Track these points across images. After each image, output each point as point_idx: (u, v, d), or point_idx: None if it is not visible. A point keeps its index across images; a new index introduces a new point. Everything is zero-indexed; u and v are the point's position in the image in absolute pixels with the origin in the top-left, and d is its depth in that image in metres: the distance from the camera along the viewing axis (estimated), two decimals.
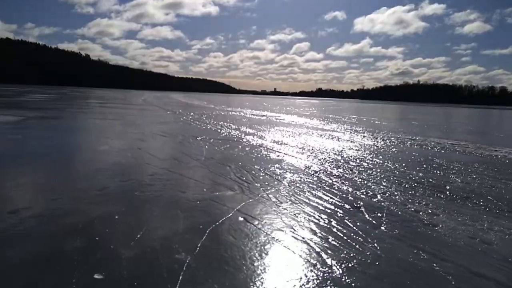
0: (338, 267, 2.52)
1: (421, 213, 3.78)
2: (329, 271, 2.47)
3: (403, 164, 6.54)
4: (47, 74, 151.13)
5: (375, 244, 2.92)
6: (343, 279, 2.37)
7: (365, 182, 5.09)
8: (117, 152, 6.57)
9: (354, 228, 3.27)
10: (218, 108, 25.85)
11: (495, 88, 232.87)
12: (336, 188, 4.70)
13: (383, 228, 3.31)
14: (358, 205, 3.95)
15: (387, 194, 4.44)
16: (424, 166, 6.48)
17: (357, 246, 2.87)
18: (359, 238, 3.03)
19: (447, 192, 4.66)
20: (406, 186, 4.93)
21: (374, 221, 3.47)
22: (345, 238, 3.03)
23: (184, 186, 4.49)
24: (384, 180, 5.25)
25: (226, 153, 6.96)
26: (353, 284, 2.31)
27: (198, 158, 6.31)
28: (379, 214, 3.68)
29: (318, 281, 2.34)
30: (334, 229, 3.22)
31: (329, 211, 3.73)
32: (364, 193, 4.48)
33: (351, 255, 2.71)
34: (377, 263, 2.61)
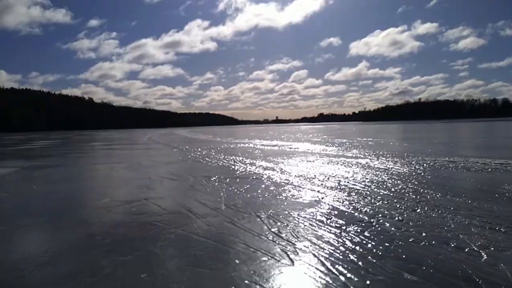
0: None
1: None
2: None
3: (473, 197, 5.30)
4: (53, 119, 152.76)
5: None
6: None
7: (447, 230, 3.86)
8: (119, 207, 5.40)
9: None
10: (225, 141, 24.84)
11: (497, 100, 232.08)
12: (412, 244, 3.48)
13: None
14: (468, 275, 2.73)
15: (494, 250, 3.21)
16: (498, 196, 5.25)
17: None
18: None
19: None
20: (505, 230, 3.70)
21: None
22: None
23: (209, 259, 3.29)
24: (470, 225, 4.01)
25: (249, 197, 5.77)
26: None
27: (216, 207, 5.13)
28: None
29: None
30: None
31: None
32: (460, 249, 3.26)
33: None
34: None
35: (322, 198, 5.54)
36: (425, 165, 8.94)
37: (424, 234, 3.69)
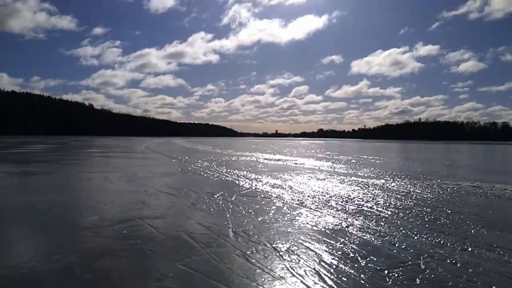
0: None
1: None
2: None
3: None
4: (52, 124, 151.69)
5: None
6: None
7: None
8: (107, 229, 4.56)
9: None
10: (225, 153, 24.02)
11: (497, 123, 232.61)
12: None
13: None
14: None
15: None
16: None
17: None
18: None
19: None
20: None
21: None
22: None
23: None
24: None
25: (261, 221, 4.96)
26: None
27: (224, 233, 4.32)
28: None
29: None
30: None
31: None
32: None
33: None
34: None
35: (347, 227, 4.72)
36: (448, 189, 8.14)
37: (491, 282, 2.89)
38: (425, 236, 4.28)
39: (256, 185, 8.56)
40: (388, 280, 2.99)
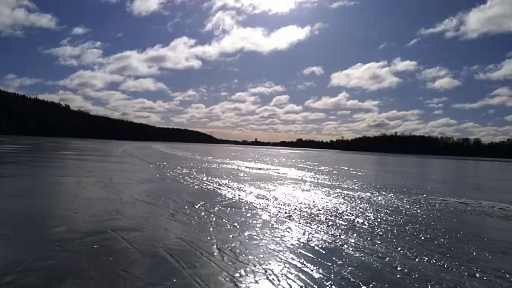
0: None
1: None
2: None
3: None
4: (26, 124, 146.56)
5: None
6: None
7: None
8: (75, 242, 4.03)
9: None
10: (205, 160, 23.45)
11: (469, 140, 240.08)
12: None
13: None
14: None
15: None
16: None
17: None
18: None
19: None
20: None
21: None
22: None
23: None
24: None
25: (247, 237, 4.53)
26: None
27: (208, 251, 3.87)
28: None
29: None
30: None
31: None
32: None
33: None
34: None
35: (342, 245, 4.36)
36: (437, 205, 7.94)
37: None
38: (426, 258, 3.95)
39: (239, 195, 8.13)
40: None
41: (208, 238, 4.41)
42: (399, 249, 4.30)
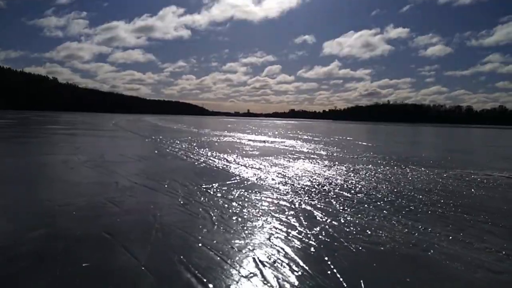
0: None
1: None
2: None
3: None
4: (12, 98, 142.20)
5: None
6: None
7: None
8: (56, 261, 2.79)
9: None
10: (203, 133, 22.13)
11: (462, 107, 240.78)
12: None
13: None
14: None
15: None
16: None
17: None
18: None
19: None
20: None
21: None
22: None
23: None
24: None
25: (279, 231, 3.33)
26: None
27: (251, 270, 2.66)
28: None
29: None
30: None
31: None
32: None
33: None
34: None
35: (411, 243, 3.18)
36: (485, 181, 6.82)
37: None
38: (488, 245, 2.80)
39: (256, 174, 6.91)
40: None
41: (243, 242, 3.21)
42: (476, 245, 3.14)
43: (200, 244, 3.14)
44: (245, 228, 3.62)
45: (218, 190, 5.33)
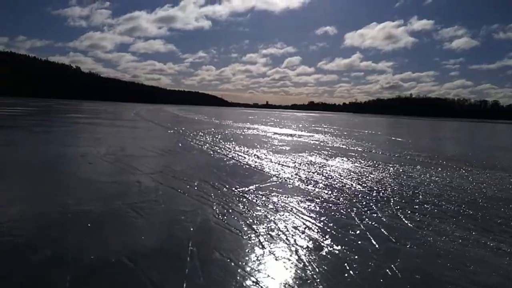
0: None
1: None
2: None
3: None
4: (37, 86, 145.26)
5: None
6: None
7: None
8: (61, 285, 2.02)
9: None
10: (225, 124, 21.38)
11: (487, 102, 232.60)
12: None
13: None
14: None
15: None
16: None
17: None
18: None
19: None
20: None
21: None
22: None
23: None
24: None
25: (352, 261, 2.46)
26: None
27: None
28: None
29: None
30: None
31: None
32: None
33: None
34: None
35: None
36: None
37: None
38: None
39: (297, 174, 6.05)
40: None
41: (303, 275, 2.37)
42: None
43: (250, 281, 2.31)
44: (300, 253, 2.78)
45: (257, 195, 4.50)
